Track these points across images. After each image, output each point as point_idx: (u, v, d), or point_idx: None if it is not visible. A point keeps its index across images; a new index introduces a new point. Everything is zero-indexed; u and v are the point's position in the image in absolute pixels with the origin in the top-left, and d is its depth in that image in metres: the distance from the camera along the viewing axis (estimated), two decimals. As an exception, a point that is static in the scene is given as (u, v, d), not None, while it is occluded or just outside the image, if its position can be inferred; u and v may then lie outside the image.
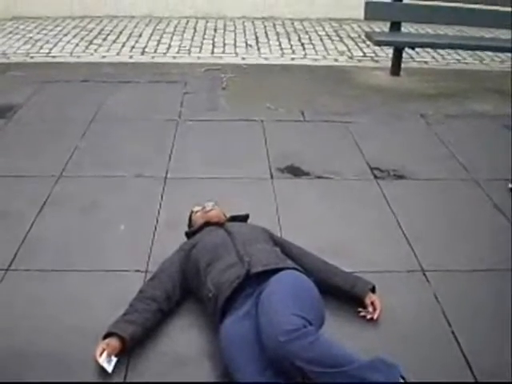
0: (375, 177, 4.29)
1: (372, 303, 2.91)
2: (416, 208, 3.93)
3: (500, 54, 7.39)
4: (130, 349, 2.63)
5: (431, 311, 3.02)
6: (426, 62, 7.21)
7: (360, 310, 2.93)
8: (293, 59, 7.07)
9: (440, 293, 3.13)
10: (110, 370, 2.52)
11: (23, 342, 2.72)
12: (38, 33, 8.03)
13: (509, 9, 6.11)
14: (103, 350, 2.54)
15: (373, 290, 2.97)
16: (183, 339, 2.77)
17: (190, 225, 3.38)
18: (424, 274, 3.28)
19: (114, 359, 2.56)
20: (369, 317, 2.89)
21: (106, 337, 2.61)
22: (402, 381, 2.27)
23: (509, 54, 7.08)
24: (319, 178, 4.28)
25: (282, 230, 3.57)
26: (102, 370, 2.52)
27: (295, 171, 4.38)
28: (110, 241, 3.48)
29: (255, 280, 2.65)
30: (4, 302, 2.98)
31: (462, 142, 4.94)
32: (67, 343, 2.71)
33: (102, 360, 2.51)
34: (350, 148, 4.72)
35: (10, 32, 8.05)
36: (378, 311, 2.89)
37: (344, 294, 2.97)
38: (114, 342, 2.58)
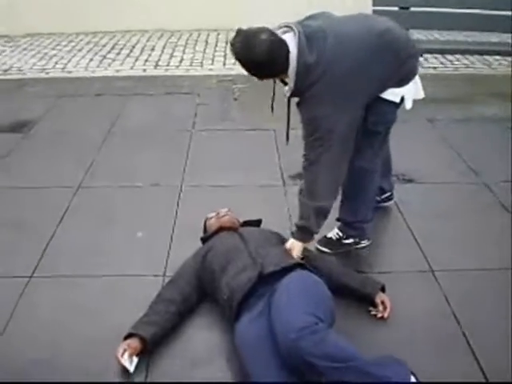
0: (385, 181, 4.37)
1: (382, 302, 3.00)
2: (425, 210, 4.01)
3: (508, 58, 7.45)
4: (150, 349, 2.74)
5: (441, 311, 3.09)
6: (434, 68, 7.28)
7: (370, 308, 3.02)
8: (303, 69, 7.16)
9: (450, 292, 3.20)
10: (132, 370, 2.62)
11: (47, 347, 2.83)
12: (52, 49, 8.17)
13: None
14: (124, 350, 2.64)
15: (383, 290, 3.06)
16: (201, 339, 2.87)
17: (205, 230, 3.49)
18: (433, 275, 3.36)
19: (135, 359, 2.67)
20: (379, 315, 2.97)
21: (127, 337, 2.72)
22: (412, 377, 2.35)
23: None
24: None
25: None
26: (124, 369, 2.63)
27: (307, 178, 4.47)
28: (129, 248, 3.60)
29: (268, 281, 2.74)
30: (28, 307, 3.10)
31: (469, 145, 5.02)
32: (89, 346, 2.82)
33: (124, 360, 2.62)
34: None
35: (25, 48, 8.20)
36: (388, 310, 2.98)
37: (354, 294, 3.06)
38: (135, 343, 2.69)
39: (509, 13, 6.29)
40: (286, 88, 2.96)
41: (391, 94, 3.12)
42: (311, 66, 2.79)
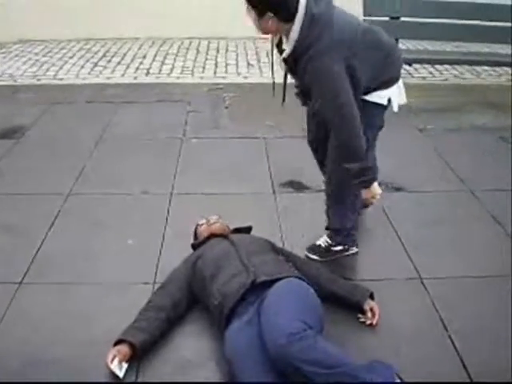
0: (374, 189, 4.40)
1: (371, 309, 3.02)
2: (414, 218, 4.05)
3: (497, 68, 7.54)
4: (139, 355, 2.75)
5: (429, 317, 3.12)
6: (423, 78, 7.33)
7: (359, 316, 3.04)
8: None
9: (438, 299, 3.24)
10: (122, 376, 2.63)
11: (37, 351, 2.84)
12: (44, 55, 8.17)
13: (506, 23, 6.29)
14: (114, 357, 2.65)
15: (371, 297, 3.09)
16: (190, 346, 2.89)
17: (195, 237, 3.51)
18: (422, 282, 3.39)
19: (125, 365, 2.68)
20: (368, 322, 3.00)
21: (116, 344, 2.73)
22: (398, 380, 2.39)
23: (506, 68, 7.25)
24: (320, 191, 4.38)
25: (285, 243, 3.69)
26: (114, 375, 2.63)
27: (297, 186, 4.51)
28: (119, 255, 3.61)
29: (258, 288, 2.76)
30: (18, 313, 3.11)
31: (459, 154, 5.06)
32: (79, 352, 2.82)
33: (114, 366, 2.63)
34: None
35: (17, 55, 8.19)
36: (376, 317, 3.00)
37: (344, 301, 3.08)
38: (124, 349, 2.70)
39: (498, 23, 6.38)
40: (287, 50, 2.99)
41: (377, 97, 3.20)
42: (315, 16, 2.85)
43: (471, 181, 4.59)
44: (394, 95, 3.27)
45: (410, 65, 7.17)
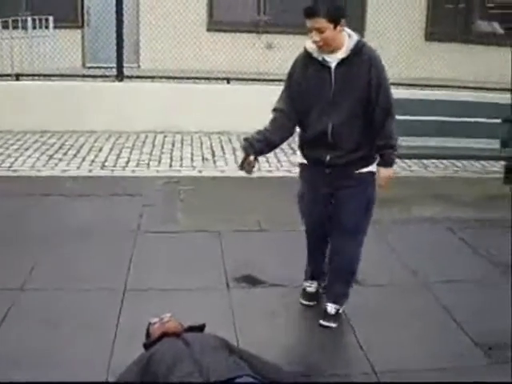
0: (329, 284, 4.44)
1: None
2: (367, 313, 4.10)
3: (444, 161, 7.89)
4: None
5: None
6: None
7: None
8: (248, 171, 7.31)
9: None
10: None
11: None
12: (-1, 147, 8.20)
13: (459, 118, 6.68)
14: None
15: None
16: None
17: (147, 336, 3.45)
18: (376, 376, 3.42)
19: None
20: None
21: None
22: None
23: (452, 161, 7.62)
24: (274, 285, 4.43)
25: (239, 339, 3.67)
26: None
27: (251, 280, 4.52)
28: (71, 354, 3.53)
29: (212, 389, 2.73)
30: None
31: (409, 246, 5.22)
32: None
33: None
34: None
35: (-29, 147, 8.19)
36: None
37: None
38: None
39: (450, 118, 6.75)
40: (341, 54, 3.56)
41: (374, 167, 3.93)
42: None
43: (422, 272, 4.73)
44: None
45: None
